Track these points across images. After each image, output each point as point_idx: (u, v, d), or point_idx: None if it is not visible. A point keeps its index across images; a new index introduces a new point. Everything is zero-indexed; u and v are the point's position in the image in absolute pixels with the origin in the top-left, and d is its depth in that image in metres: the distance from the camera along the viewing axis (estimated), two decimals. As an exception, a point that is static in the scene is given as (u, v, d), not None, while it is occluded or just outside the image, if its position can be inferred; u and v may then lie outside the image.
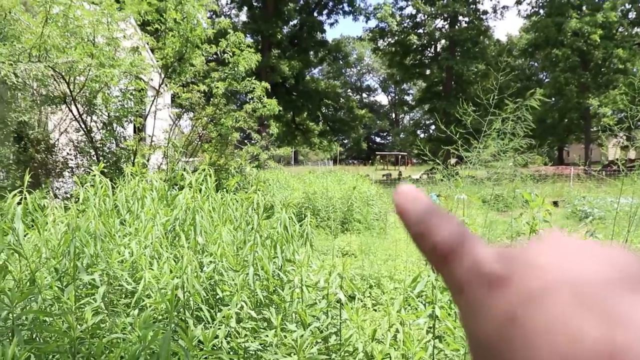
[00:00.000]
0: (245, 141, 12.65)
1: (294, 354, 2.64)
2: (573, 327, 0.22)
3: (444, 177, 7.32)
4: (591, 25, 38.20)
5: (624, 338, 0.20)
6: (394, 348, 2.80)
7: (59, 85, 8.52)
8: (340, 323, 3.09)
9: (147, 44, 10.22)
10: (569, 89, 40.25)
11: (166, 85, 10.34)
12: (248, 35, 42.45)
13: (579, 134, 45.57)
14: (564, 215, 12.49)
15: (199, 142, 11.31)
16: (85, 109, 9.09)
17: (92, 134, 9.28)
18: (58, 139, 9.49)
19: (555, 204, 13.77)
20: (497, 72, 6.78)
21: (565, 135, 46.48)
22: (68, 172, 9.35)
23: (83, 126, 9.04)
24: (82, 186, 4.16)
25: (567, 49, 40.09)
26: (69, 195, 8.72)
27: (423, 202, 0.32)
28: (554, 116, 43.92)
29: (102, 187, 4.05)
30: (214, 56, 11.17)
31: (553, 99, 43.91)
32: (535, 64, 51.57)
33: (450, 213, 0.32)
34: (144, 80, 10.03)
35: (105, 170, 8.70)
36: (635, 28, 40.95)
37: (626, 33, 41.07)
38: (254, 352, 3.10)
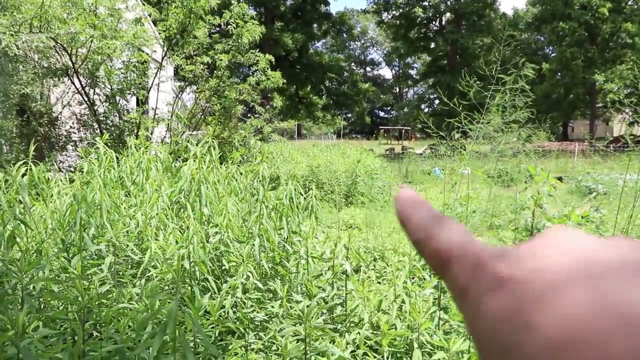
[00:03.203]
0: (249, 114, 12.59)
1: (300, 324, 2.65)
2: (590, 329, 0.20)
3: (448, 151, 7.30)
4: (599, -2, 37.65)
5: None
6: (400, 319, 2.81)
7: (60, 57, 8.45)
8: (346, 294, 3.10)
9: (150, 15, 10.09)
10: (575, 64, 39.82)
11: (169, 57, 10.24)
12: (251, 7, 42.06)
13: (584, 110, 45.30)
14: (567, 191, 12.48)
15: (202, 115, 11.26)
16: (88, 81, 9.04)
17: (95, 107, 9.23)
18: (61, 112, 9.46)
19: (559, 179, 13.74)
20: (503, 46, 6.72)
21: (570, 110, 46.20)
22: (71, 145, 9.34)
23: (86, 99, 9.00)
24: (87, 158, 4.16)
25: (574, 23, 39.59)
26: (72, 169, 8.72)
27: (423, 207, 0.32)
28: (559, 91, 43.60)
29: (106, 158, 4.04)
30: (218, 28, 11.04)
31: (559, 73, 43.55)
32: (542, 38, 51.01)
33: (451, 218, 0.31)
34: (146, 53, 9.94)
35: (109, 143, 8.68)
36: (645, 1, 40.35)
37: (635, 6, 40.41)
38: (260, 323, 3.13)
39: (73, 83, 8.83)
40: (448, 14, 49.34)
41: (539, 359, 0.21)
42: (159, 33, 10.19)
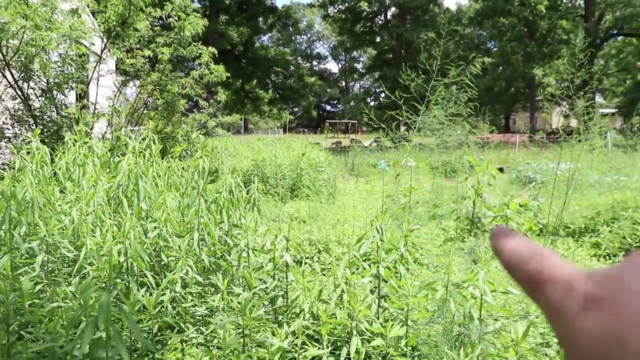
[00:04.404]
0: (194, 109, 12.40)
1: (240, 317, 2.64)
2: None
3: (392, 144, 7.40)
4: (537, -4, 39.02)
5: None
6: (340, 308, 2.84)
7: (-11, 48, 8.08)
8: (287, 285, 3.10)
9: (88, 6, 9.77)
10: (515, 58, 41.15)
11: (109, 50, 9.96)
12: (195, 0, 41.36)
13: (524, 103, 46.90)
14: (508, 181, 12.86)
15: (145, 110, 11.02)
16: (22, 75, 8.67)
17: (30, 102, 8.88)
18: (-8, 107, 9.06)
19: (500, 170, 14.15)
20: (447, 40, 6.87)
21: (511, 103, 47.79)
22: (5, 142, 8.95)
23: (19, 93, 8.64)
24: (18, 154, 4.00)
25: (513, 18, 40.88)
26: (5, 167, 8.36)
27: (516, 237, 0.34)
28: (501, 85, 44.97)
29: (39, 154, 3.90)
30: (160, 21, 10.81)
31: (500, 68, 44.89)
32: (484, 33, 52.32)
33: (542, 246, 0.33)
34: (85, 45, 9.63)
35: (47, 140, 8.37)
36: (578, 0, 42.04)
37: (570, 5, 42.22)
38: (201, 317, 3.09)
39: (5, 76, 8.45)
40: (393, 9, 49.93)
41: None
42: (98, 25, 9.89)
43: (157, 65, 10.51)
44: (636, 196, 6.99)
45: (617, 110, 42.24)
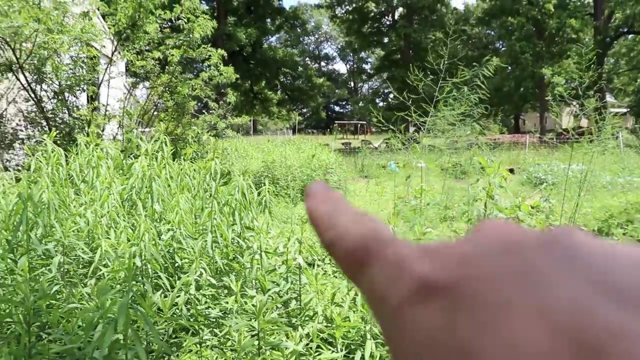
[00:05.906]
0: (204, 111, 12.47)
1: (255, 319, 2.65)
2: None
3: (402, 145, 7.39)
4: (545, -6, 38.86)
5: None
6: (353, 311, 2.85)
7: (3, 52, 8.15)
8: (300, 288, 3.12)
9: (98, 9, 9.84)
10: (524, 58, 40.96)
11: (119, 52, 10.02)
12: (203, 2, 41.48)
13: (534, 103, 46.70)
14: (519, 182, 12.81)
15: (155, 112, 11.09)
16: (34, 77, 8.75)
17: (43, 104, 8.96)
18: (6, 109, 9.14)
19: (511, 171, 14.10)
20: (454, 40, 6.86)
21: (521, 103, 47.60)
22: (18, 143, 9.04)
23: (32, 95, 8.72)
24: (33, 156, 4.04)
25: (522, 18, 40.72)
26: (20, 168, 8.44)
27: (333, 201, 0.27)
28: (510, 85, 44.78)
29: (54, 155, 3.94)
30: (169, 23, 10.89)
31: (509, 67, 44.73)
32: (492, 32, 52.14)
33: (362, 210, 0.26)
34: (95, 48, 9.70)
35: (59, 141, 8.45)
36: (587, -2, 41.84)
37: (578, 3, 41.93)
38: (214, 319, 3.11)
39: (18, 79, 8.53)
40: (400, 9, 49.84)
41: None
42: (109, 28, 9.96)
43: (167, 67, 10.58)
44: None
45: (628, 109, 41.96)
